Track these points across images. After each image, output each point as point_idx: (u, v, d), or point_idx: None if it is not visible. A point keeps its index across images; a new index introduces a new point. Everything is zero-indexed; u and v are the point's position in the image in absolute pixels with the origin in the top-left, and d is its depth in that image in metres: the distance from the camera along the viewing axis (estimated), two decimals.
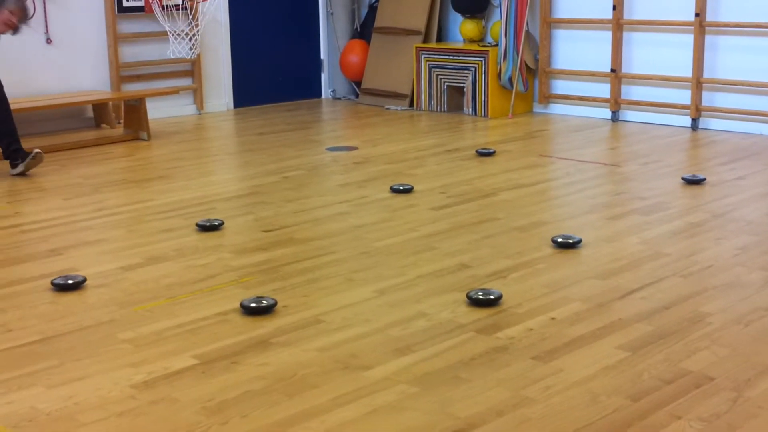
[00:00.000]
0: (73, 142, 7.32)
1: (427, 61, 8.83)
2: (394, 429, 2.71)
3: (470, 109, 8.62)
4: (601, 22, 8.15)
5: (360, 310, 3.68)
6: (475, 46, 8.60)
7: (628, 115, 8.18)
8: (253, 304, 3.63)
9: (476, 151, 6.79)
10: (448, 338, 3.36)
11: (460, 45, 8.86)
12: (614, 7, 7.98)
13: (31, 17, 3.91)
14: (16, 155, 6.19)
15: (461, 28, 8.88)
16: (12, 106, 6.27)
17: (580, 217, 5.06)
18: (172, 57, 8.29)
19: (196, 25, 8.32)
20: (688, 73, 7.64)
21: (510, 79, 8.36)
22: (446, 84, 8.76)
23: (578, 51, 8.42)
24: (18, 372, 3.12)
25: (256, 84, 9.41)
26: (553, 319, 3.53)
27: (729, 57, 7.50)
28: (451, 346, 3.29)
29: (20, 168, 6.17)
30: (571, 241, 4.44)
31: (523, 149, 6.98)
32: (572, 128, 7.88)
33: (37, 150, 6.22)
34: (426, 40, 9.07)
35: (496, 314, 3.58)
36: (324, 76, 9.95)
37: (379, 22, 9.38)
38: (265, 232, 4.80)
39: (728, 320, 3.49)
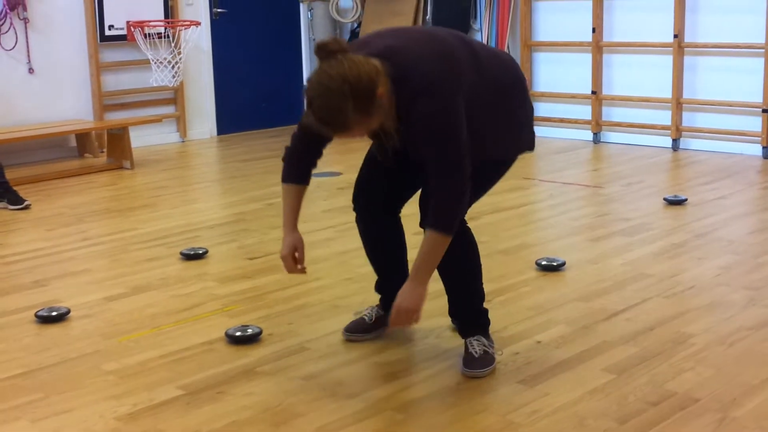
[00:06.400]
0: (57, 171, 7.31)
1: None
2: None
3: None
4: (581, 44, 8.22)
5: None
6: None
7: (610, 136, 8.23)
8: (238, 333, 3.62)
9: None
10: (434, 363, 3.36)
11: None
12: (593, 30, 8.05)
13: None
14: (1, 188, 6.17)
15: None
16: None
17: (563, 240, 5.08)
18: (154, 85, 8.30)
19: (179, 53, 8.34)
20: (667, 94, 7.71)
21: None
22: None
23: (559, 73, 8.47)
24: (2, 406, 3.10)
25: (239, 111, 9.43)
26: (538, 342, 3.54)
27: (708, 77, 7.57)
28: (438, 371, 3.29)
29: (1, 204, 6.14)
30: (555, 264, 4.45)
31: None
32: (554, 150, 7.92)
33: (28, 202, 6.19)
34: None
35: None
36: None
37: None
38: (250, 259, 4.80)
39: (712, 340, 3.51)
